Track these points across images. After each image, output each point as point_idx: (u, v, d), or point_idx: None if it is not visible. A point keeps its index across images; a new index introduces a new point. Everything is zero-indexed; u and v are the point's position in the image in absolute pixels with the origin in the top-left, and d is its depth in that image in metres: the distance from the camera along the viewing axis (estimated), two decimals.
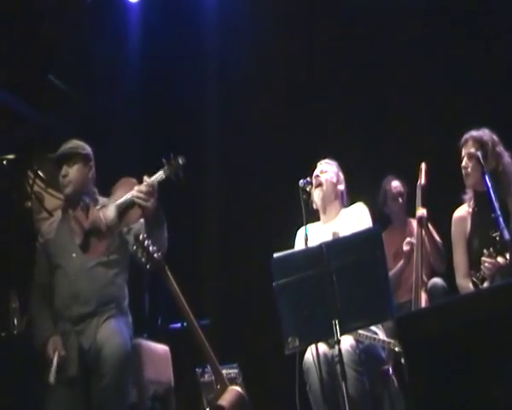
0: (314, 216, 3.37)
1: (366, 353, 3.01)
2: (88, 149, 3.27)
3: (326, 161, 3.47)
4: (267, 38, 4.93)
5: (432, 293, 3.79)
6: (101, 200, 3.24)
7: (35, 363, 3.15)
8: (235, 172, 5.07)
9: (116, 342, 2.94)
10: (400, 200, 4.24)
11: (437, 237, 3.87)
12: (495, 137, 3.25)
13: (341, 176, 3.45)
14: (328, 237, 3.18)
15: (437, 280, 3.85)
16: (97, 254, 3.10)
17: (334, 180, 3.38)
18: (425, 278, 3.89)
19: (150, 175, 2.97)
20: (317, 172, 3.39)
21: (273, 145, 4.81)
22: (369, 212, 3.30)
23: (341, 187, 3.42)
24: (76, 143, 3.27)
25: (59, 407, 2.96)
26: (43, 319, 3.11)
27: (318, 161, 3.46)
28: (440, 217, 3.70)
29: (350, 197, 3.44)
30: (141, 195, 2.94)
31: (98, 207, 3.16)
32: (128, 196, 3.01)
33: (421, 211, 3.76)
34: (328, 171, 3.40)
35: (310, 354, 2.98)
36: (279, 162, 4.76)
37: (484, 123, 3.35)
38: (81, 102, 4.91)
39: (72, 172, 3.20)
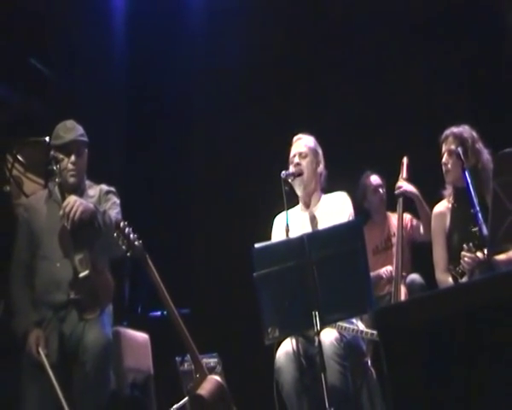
0: (294, 202, 3.32)
1: (349, 346, 2.99)
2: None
3: (303, 137, 3.34)
4: (254, 22, 4.89)
5: (410, 289, 3.80)
6: (90, 191, 3.20)
7: (13, 349, 3.12)
8: (216, 163, 5.05)
9: (97, 330, 2.93)
10: (381, 190, 4.26)
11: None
12: (475, 134, 3.28)
13: (319, 153, 3.32)
14: (308, 224, 3.19)
15: (415, 276, 3.81)
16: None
17: (314, 165, 3.28)
18: (404, 273, 3.91)
19: None
20: (295, 154, 3.26)
21: (258, 135, 4.79)
22: (351, 202, 3.27)
23: (320, 168, 3.31)
24: (79, 129, 3.13)
25: (37, 394, 2.93)
26: (25, 306, 3.07)
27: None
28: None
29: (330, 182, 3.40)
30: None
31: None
32: None
33: (401, 183, 3.67)
34: (307, 154, 3.27)
35: (281, 354, 2.96)
36: (261, 152, 4.75)
37: (465, 117, 3.38)
38: (62, 85, 4.84)
39: (81, 161, 3.12)
